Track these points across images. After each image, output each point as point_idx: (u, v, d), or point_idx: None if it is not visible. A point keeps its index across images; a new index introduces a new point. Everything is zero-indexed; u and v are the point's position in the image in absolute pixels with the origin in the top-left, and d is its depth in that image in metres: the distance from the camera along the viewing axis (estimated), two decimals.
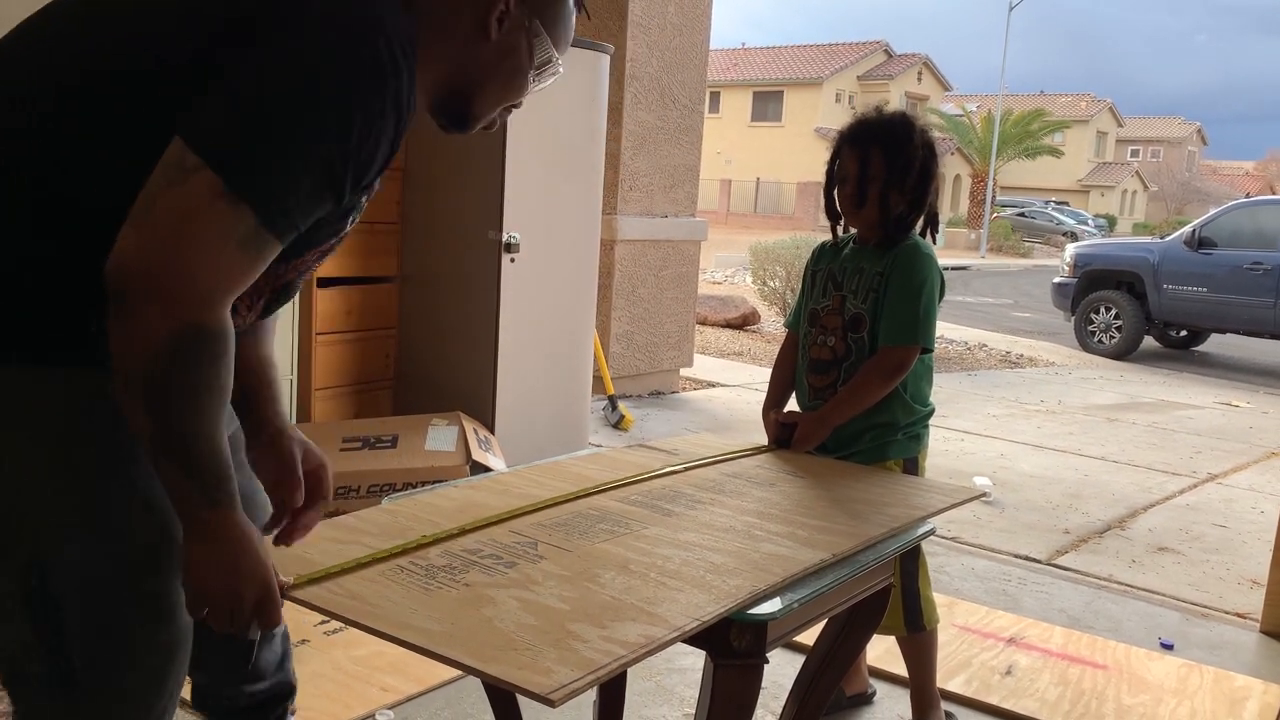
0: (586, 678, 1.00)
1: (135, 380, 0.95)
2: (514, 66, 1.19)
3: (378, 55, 1.00)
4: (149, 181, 0.95)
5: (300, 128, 0.97)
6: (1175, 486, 4.82)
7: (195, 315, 0.95)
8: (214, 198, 0.94)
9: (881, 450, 2.11)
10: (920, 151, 2.08)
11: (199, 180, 0.94)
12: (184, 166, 0.94)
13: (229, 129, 0.96)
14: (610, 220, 5.41)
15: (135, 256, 0.93)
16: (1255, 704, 2.52)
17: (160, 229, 0.93)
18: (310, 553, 1.28)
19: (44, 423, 1.00)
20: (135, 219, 0.94)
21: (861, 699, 2.40)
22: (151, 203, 0.94)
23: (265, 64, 0.97)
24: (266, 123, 0.96)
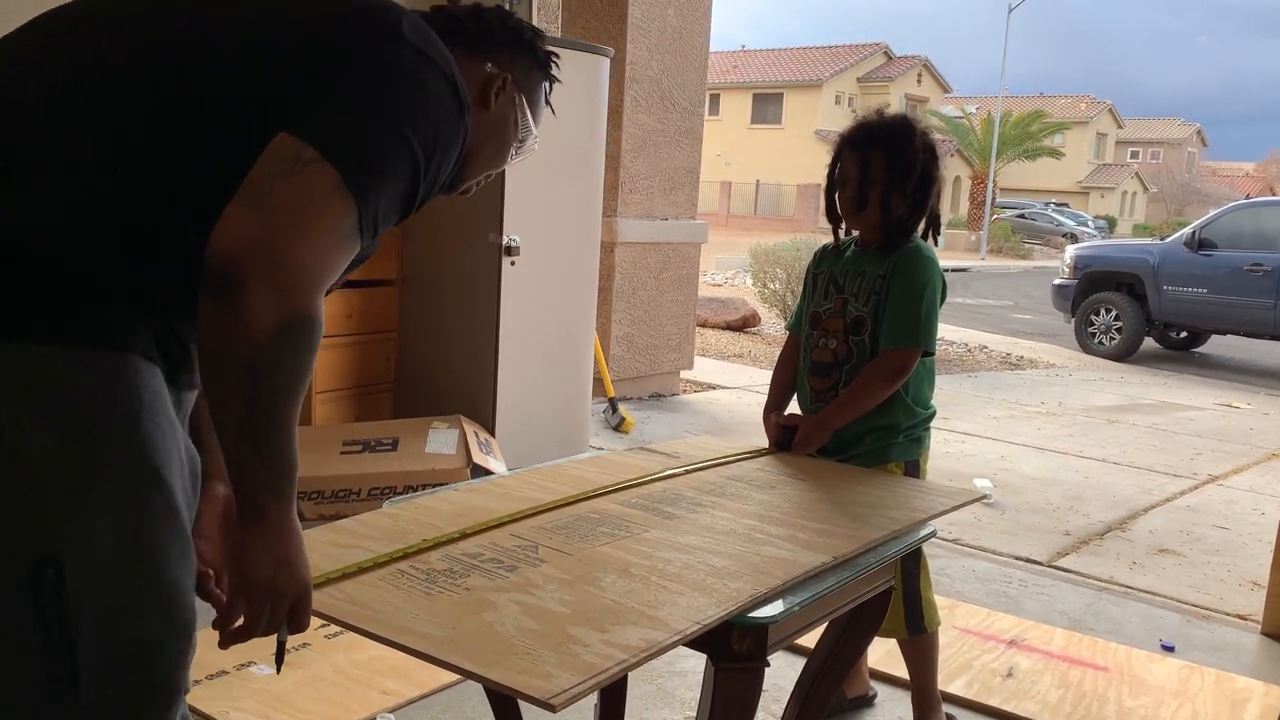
0: (587, 682, 1.00)
1: (237, 365, 0.94)
2: (502, 138, 1.30)
3: (457, 90, 1.10)
4: (257, 170, 0.97)
5: (402, 143, 1.03)
6: (1176, 488, 4.82)
7: (307, 303, 0.96)
8: (331, 190, 0.98)
9: (883, 453, 2.11)
10: (921, 154, 2.08)
11: (319, 171, 0.97)
12: (301, 158, 0.97)
13: (344, 130, 1.01)
14: (610, 223, 5.42)
15: (253, 239, 0.93)
16: (1256, 706, 2.52)
17: (281, 213, 0.95)
18: (312, 557, 1.28)
19: (64, 406, 0.95)
20: (250, 201, 0.95)
21: (863, 701, 2.40)
22: (268, 188, 0.96)
23: (372, 79, 1.04)
24: (376, 130, 1.02)
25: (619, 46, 5.41)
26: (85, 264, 0.97)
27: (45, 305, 0.95)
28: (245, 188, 0.97)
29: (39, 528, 0.94)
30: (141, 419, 0.98)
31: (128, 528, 0.98)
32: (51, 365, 0.94)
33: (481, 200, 3.89)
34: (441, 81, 1.08)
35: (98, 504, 0.96)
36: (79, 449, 0.95)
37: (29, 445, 0.93)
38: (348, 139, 1.00)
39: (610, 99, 4.50)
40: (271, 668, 2.26)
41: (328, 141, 0.99)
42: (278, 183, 0.96)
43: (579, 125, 4.09)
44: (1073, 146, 44.75)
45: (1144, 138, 55.50)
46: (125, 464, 0.98)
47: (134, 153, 0.99)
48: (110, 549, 0.97)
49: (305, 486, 3.38)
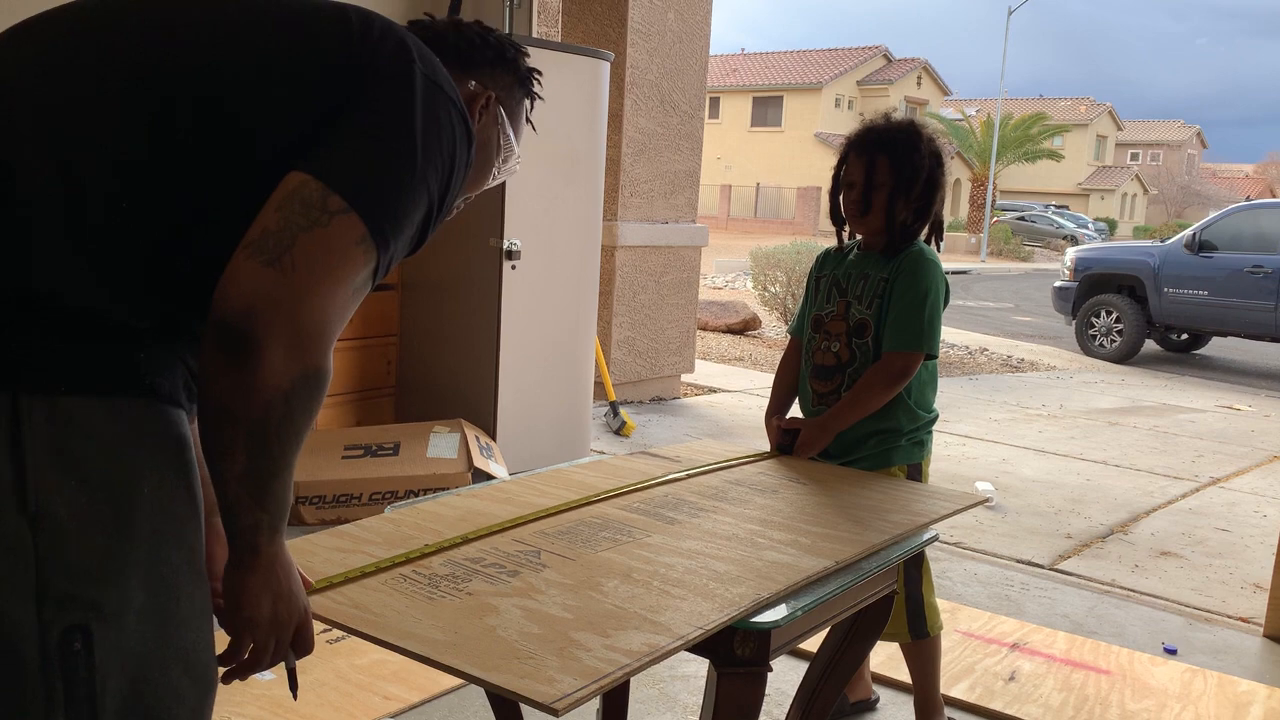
0: (590, 686, 1.00)
1: (246, 421, 0.91)
2: (485, 158, 1.24)
3: (466, 122, 1.06)
4: (274, 217, 0.92)
5: (423, 186, 1.00)
6: (1177, 490, 4.81)
7: (320, 360, 0.93)
8: (355, 242, 0.94)
9: (886, 456, 2.11)
10: (927, 161, 2.08)
11: (345, 224, 0.93)
12: (327, 208, 0.93)
13: (369, 176, 0.96)
14: (611, 226, 5.42)
15: (274, 298, 0.89)
16: (1259, 709, 2.51)
17: (304, 271, 0.90)
18: (314, 562, 1.28)
19: (96, 464, 0.90)
20: (269, 254, 0.90)
21: (865, 706, 2.40)
22: (290, 241, 0.91)
23: (390, 115, 0.99)
24: (399, 174, 0.97)
25: (619, 50, 5.42)
26: (104, 307, 0.92)
27: (70, 354, 0.90)
28: (261, 237, 0.91)
29: (70, 596, 0.89)
30: (168, 472, 0.95)
31: (154, 586, 0.94)
32: (82, 419, 0.89)
33: (482, 205, 3.89)
34: (455, 114, 1.04)
35: (128, 565, 0.92)
36: (111, 509, 0.90)
37: (61, 509, 0.88)
38: (373, 186, 0.96)
39: (610, 103, 4.51)
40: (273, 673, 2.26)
41: (354, 190, 0.94)
42: (301, 235, 0.91)
43: (579, 129, 4.09)
44: (1072, 149, 44.79)
45: (1144, 140, 55.53)
46: (154, 520, 0.94)
47: (142, 186, 0.94)
48: (138, 611, 0.93)
49: (306, 491, 3.37)
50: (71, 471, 0.89)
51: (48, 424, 0.88)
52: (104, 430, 0.90)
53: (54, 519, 0.88)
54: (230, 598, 1.00)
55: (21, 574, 0.87)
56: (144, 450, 0.93)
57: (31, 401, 0.87)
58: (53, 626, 0.89)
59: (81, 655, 0.89)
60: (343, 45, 1.01)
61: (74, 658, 0.89)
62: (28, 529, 0.87)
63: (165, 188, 0.94)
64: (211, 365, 0.90)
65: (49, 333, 0.89)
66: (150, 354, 0.93)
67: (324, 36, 1.02)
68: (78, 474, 0.89)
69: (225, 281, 0.90)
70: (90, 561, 0.90)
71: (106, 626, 0.91)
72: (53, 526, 0.88)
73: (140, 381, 0.93)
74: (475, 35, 1.22)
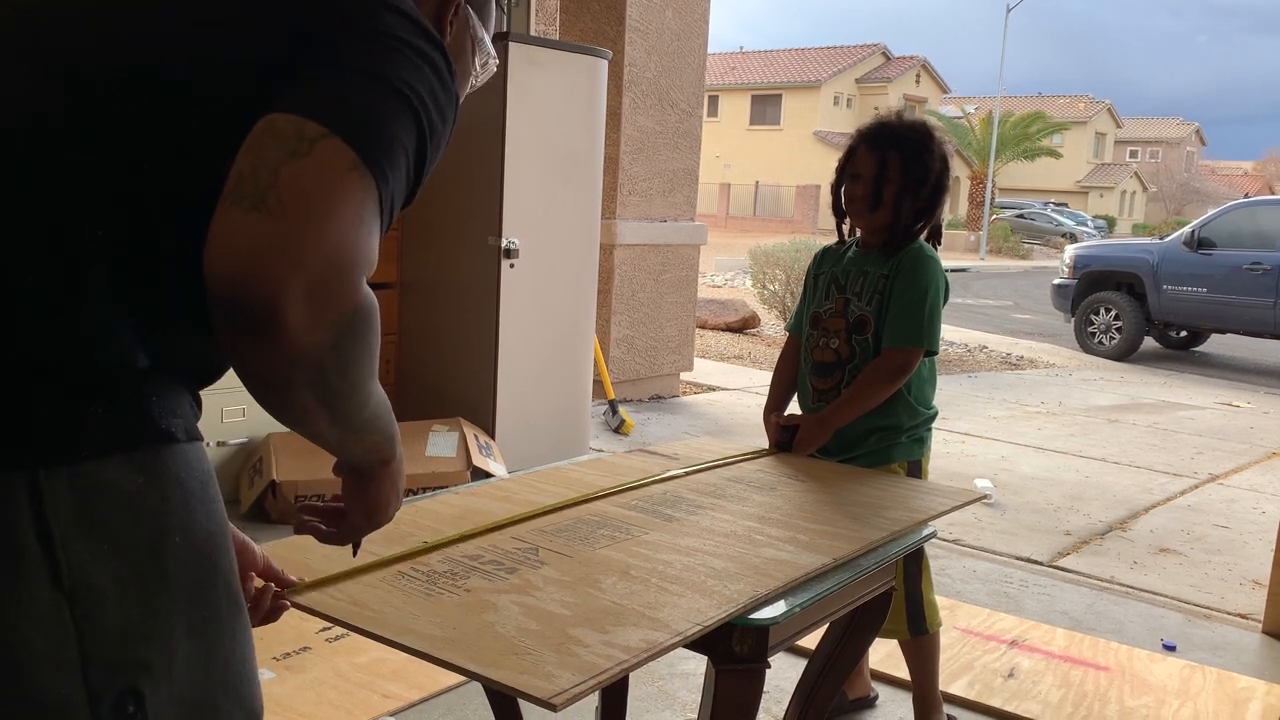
0: (588, 682, 1.00)
1: (299, 387, 0.81)
2: (463, 68, 1.12)
3: (446, 57, 0.95)
4: (246, 161, 0.79)
5: (409, 111, 0.87)
6: (1176, 487, 4.82)
7: (353, 297, 0.80)
8: (348, 168, 0.80)
9: (886, 453, 2.11)
10: (938, 164, 2.09)
11: (328, 148, 0.80)
12: (304, 136, 0.80)
13: (347, 98, 0.84)
14: (609, 225, 5.42)
15: (271, 246, 0.76)
16: (1258, 705, 2.52)
17: (295, 205, 0.77)
18: (311, 559, 1.29)
19: (126, 526, 0.85)
20: (249, 201, 0.77)
21: (864, 703, 2.40)
22: (270, 180, 0.77)
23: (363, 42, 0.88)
24: (381, 95, 0.85)
25: (617, 49, 5.42)
26: (102, 357, 0.85)
27: (83, 416, 0.83)
28: (237, 184, 0.78)
29: (117, 661, 0.85)
30: (196, 514, 0.91)
31: (197, 630, 0.91)
32: (105, 482, 0.84)
33: (480, 203, 3.90)
34: (432, 46, 0.92)
35: (170, 618, 0.88)
36: (146, 566, 0.87)
37: (96, 576, 0.83)
38: (355, 107, 0.83)
39: (609, 101, 4.51)
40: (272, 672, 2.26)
41: (332, 112, 0.81)
42: (282, 168, 0.78)
43: (577, 128, 4.09)
44: (1071, 146, 44.77)
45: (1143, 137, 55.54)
46: (188, 568, 0.90)
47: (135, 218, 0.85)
48: (185, 658, 0.90)
49: (305, 491, 3.37)
50: (102, 537, 0.84)
51: (70, 493, 0.83)
52: (128, 488, 0.85)
53: (90, 588, 0.84)
54: (357, 502, 1.02)
55: (63, 650, 0.84)
56: (171, 499, 0.88)
57: (51, 474, 0.82)
58: (104, 695, 0.85)
59: (136, 717, 0.86)
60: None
61: (122, 705, 0.86)
62: (64, 603, 0.83)
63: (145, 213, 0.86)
64: (232, 345, 0.79)
65: (56, 400, 0.83)
66: (159, 394, 0.89)
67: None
68: (108, 539, 0.85)
69: (210, 245, 0.77)
70: (133, 622, 0.86)
71: (156, 682, 0.87)
72: (89, 596, 0.84)
73: (157, 428, 0.88)
74: None
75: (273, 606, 1.18)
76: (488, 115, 3.75)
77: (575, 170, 4.12)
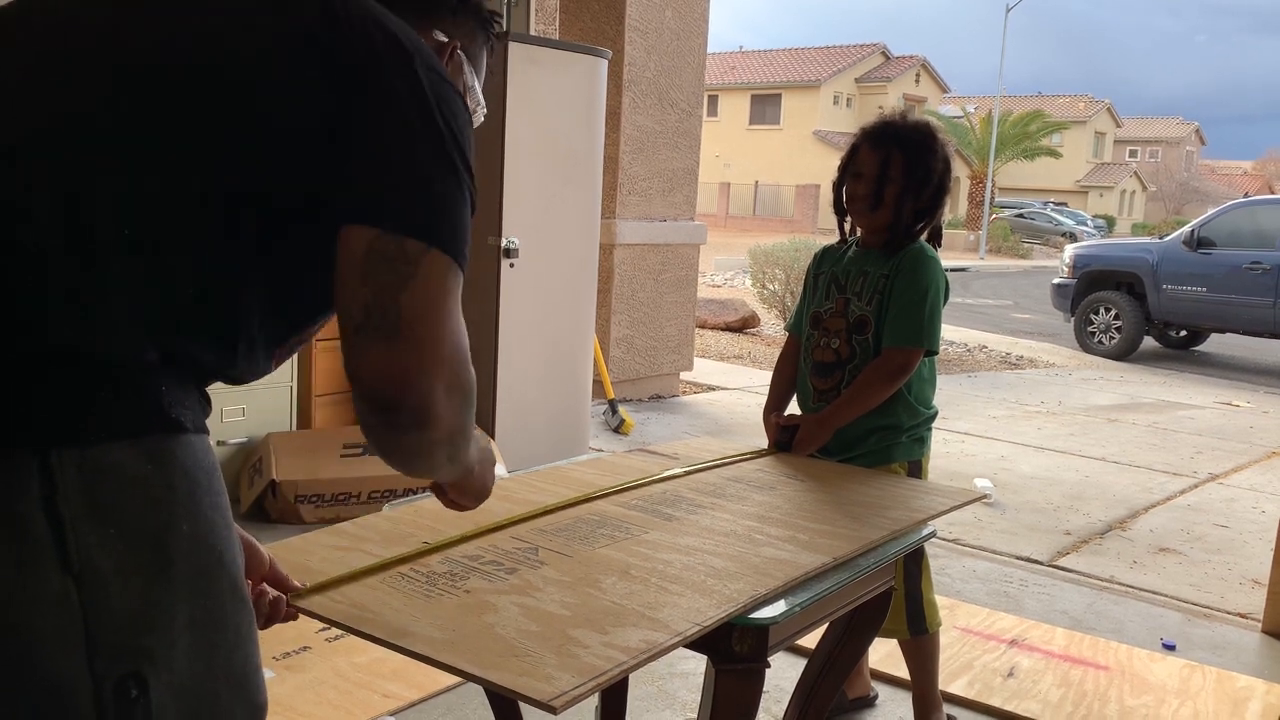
0: (588, 684, 1.00)
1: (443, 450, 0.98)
2: None
3: (463, 99, 1.04)
4: (363, 289, 0.91)
5: (463, 186, 0.99)
6: (1176, 487, 4.82)
7: (468, 378, 0.97)
8: (446, 274, 0.94)
9: (886, 453, 2.11)
10: (940, 165, 2.09)
11: (431, 263, 0.92)
12: (407, 257, 0.91)
13: (425, 203, 0.94)
14: (609, 224, 5.42)
15: (417, 369, 0.91)
16: (1258, 704, 2.52)
17: (423, 327, 0.92)
18: (312, 561, 1.29)
19: (132, 511, 0.87)
20: (383, 331, 0.91)
21: (864, 702, 2.40)
22: (395, 309, 0.91)
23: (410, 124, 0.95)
24: (446, 186, 0.96)
25: (617, 48, 5.42)
26: (120, 350, 0.88)
27: (95, 402, 0.86)
28: (366, 317, 0.91)
29: (121, 646, 0.87)
30: (202, 504, 0.92)
31: (201, 620, 0.92)
32: (114, 466, 0.86)
33: (480, 203, 3.89)
34: (453, 93, 1.00)
35: (174, 606, 0.90)
36: (151, 553, 0.88)
37: (102, 561, 0.86)
38: (434, 210, 0.94)
39: (608, 100, 4.50)
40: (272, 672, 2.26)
41: (422, 226, 0.93)
42: (400, 297, 0.91)
43: (577, 127, 4.09)
44: (1071, 146, 44.77)
45: (1142, 137, 55.53)
46: (193, 557, 0.92)
47: (153, 220, 0.89)
48: (188, 647, 0.91)
49: (305, 490, 3.37)
50: (109, 521, 0.86)
51: (80, 477, 0.85)
52: (137, 474, 0.87)
53: (96, 572, 0.86)
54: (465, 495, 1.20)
55: (70, 632, 0.85)
56: (178, 488, 0.90)
57: (62, 456, 0.84)
58: (106, 679, 0.87)
59: (139, 702, 0.88)
60: (330, 46, 0.95)
61: (131, 705, 0.88)
62: (73, 586, 0.85)
63: (174, 219, 0.90)
64: (389, 438, 0.95)
65: (70, 385, 0.86)
66: (168, 385, 0.91)
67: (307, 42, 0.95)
68: (116, 523, 0.86)
69: (361, 371, 0.93)
70: (137, 609, 0.88)
71: (158, 669, 0.89)
72: (96, 580, 0.86)
73: (165, 417, 0.90)
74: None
75: (273, 610, 1.18)
76: (488, 115, 3.75)
77: (575, 170, 4.12)
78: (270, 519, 3.37)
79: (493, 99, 3.72)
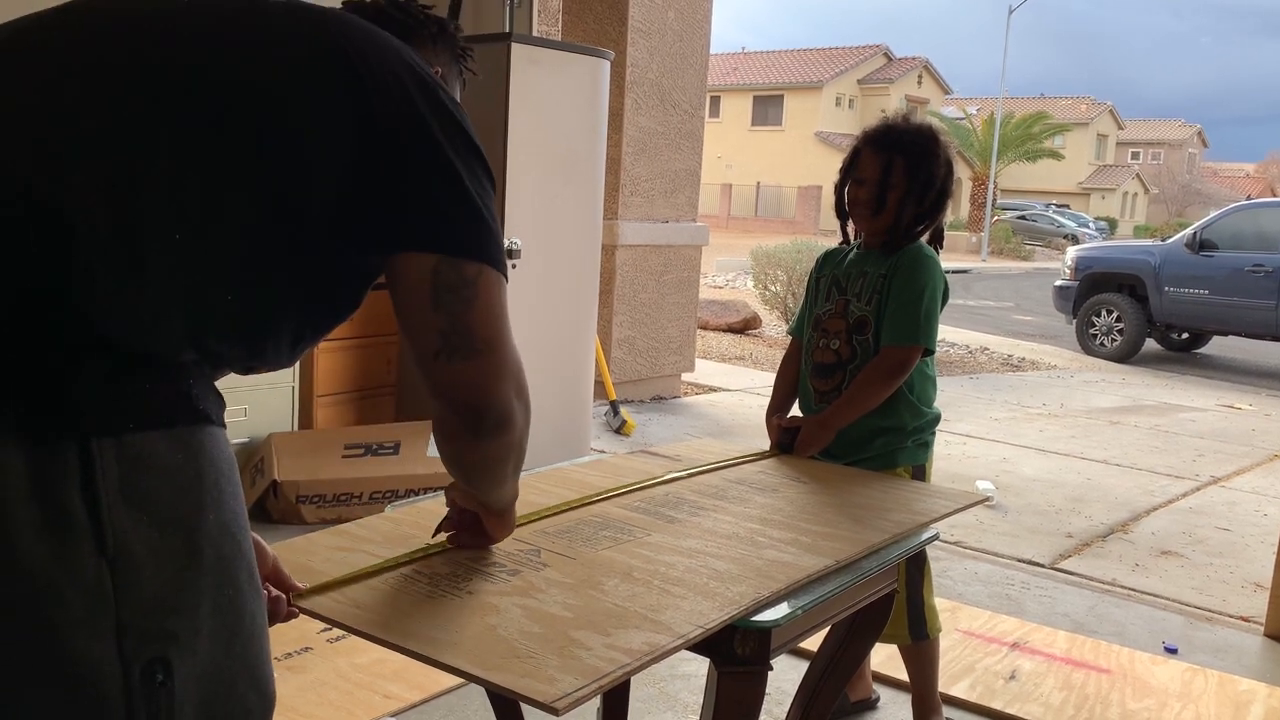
0: (590, 686, 1.00)
1: (514, 457, 1.12)
2: None
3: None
4: (436, 317, 1.01)
5: (490, 194, 1.07)
6: (1178, 490, 4.81)
7: (527, 390, 1.08)
8: (499, 288, 1.05)
9: (891, 457, 2.10)
10: (943, 169, 2.08)
11: (486, 283, 1.03)
12: (466, 280, 1.01)
13: (469, 223, 1.03)
14: (611, 225, 5.42)
15: (493, 377, 1.04)
16: (1260, 708, 2.51)
17: (490, 339, 1.03)
18: (314, 561, 1.29)
19: (163, 497, 0.90)
20: (462, 353, 1.02)
21: (866, 705, 2.40)
22: (465, 330, 1.02)
23: (448, 148, 1.03)
24: (481, 201, 1.04)
25: (619, 49, 5.42)
26: (158, 348, 0.92)
27: (131, 391, 0.90)
28: (444, 342, 1.01)
29: (148, 630, 0.90)
30: (225, 493, 0.95)
31: (222, 608, 0.95)
32: (148, 453, 0.89)
33: None
34: (464, 115, 1.07)
35: (199, 592, 0.93)
36: (180, 540, 0.91)
37: (135, 545, 0.88)
38: (478, 229, 1.03)
39: (611, 101, 4.50)
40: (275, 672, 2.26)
41: (475, 247, 1.02)
42: (467, 318, 1.01)
43: (579, 128, 4.09)
44: (1073, 148, 44.75)
45: (1145, 139, 55.49)
46: (218, 545, 0.94)
47: (196, 226, 0.93)
48: (211, 633, 0.94)
49: (307, 490, 3.37)
50: (143, 507, 0.89)
51: (117, 463, 0.87)
52: (169, 462, 0.90)
53: (130, 556, 0.88)
54: (500, 528, 1.32)
55: (101, 615, 0.87)
56: (206, 477, 0.93)
57: (101, 443, 0.87)
58: (134, 661, 0.89)
59: (164, 686, 0.90)
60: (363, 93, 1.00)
61: (157, 689, 0.90)
62: (106, 569, 0.87)
63: (216, 228, 0.93)
64: (477, 444, 1.08)
65: (110, 375, 0.89)
66: (195, 379, 0.95)
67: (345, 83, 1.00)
68: (149, 510, 0.89)
69: (449, 390, 1.04)
70: (166, 594, 0.90)
71: (183, 654, 0.91)
72: (129, 563, 0.88)
73: (195, 408, 0.93)
74: (417, 11, 1.22)
75: (274, 609, 1.18)
76: (489, 115, 3.75)
77: (577, 171, 4.12)
78: (272, 519, 3.37)
79: (495, 100, 3.72)
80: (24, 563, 0.84)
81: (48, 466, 0.85)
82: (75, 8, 1.00)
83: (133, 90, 0.93)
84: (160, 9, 1.00)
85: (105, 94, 0.92)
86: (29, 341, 0.86)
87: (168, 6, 1.00)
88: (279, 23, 1.01)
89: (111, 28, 0.97)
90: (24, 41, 0.97)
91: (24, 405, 0.85)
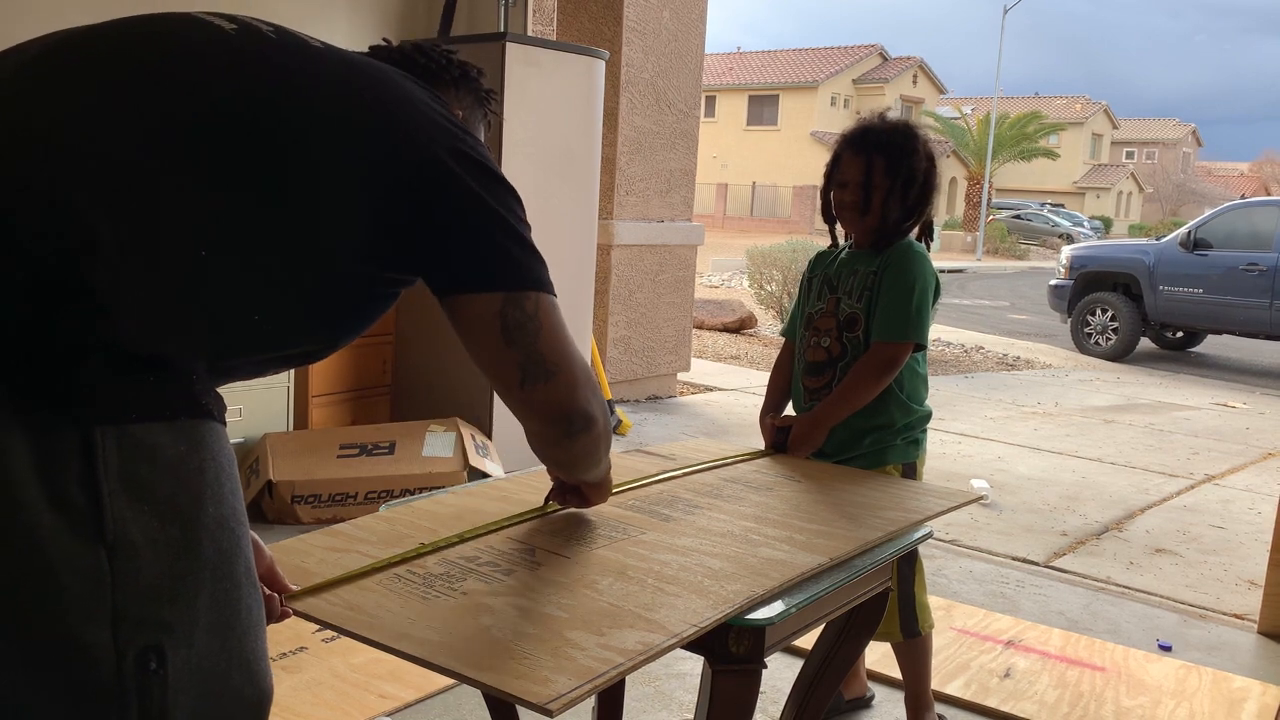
0: (584, 686, 1.00)
1: (603, 445, 1.29)
2: None
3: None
4: (512, 353, 1.12)
5: (525, 222, 1.17)
6: (1172, 488, 4.82)
7: (599, 387, 1.22)
8: (555, 310, 1.16)
9: (880, 455, 2.11)
10: (923, 163, 2.08)
11: (545, 310, 1.14)
12: (526, 311, 1.12)
13: (518, 255, 1.13)
14: (606, 225, 5.42)
15: (573, 392, 1.18)
16: (1254, 705, 2.52)
17: (561, 358, 1.15)
18: (308, 562, 1.29)
19: (164, 488, 0.91)
20: (543, 378, 1.15)
21: (860, 703, 2.40)
22: (539, 357, 1.14)
23: (478, 184, 1.10)
24: (520, 230, 1.14)
25: (614, 49, 5.42)
26: (170, 351, 0.94)
27: (136, 384, 0.91)
28: (525, 374, 1.14)
29: (144, 619, 0.91)
30: (225, 488, 0.96)
31: (219, 600, 0.96)
32: (150, 444, 0.91)
33: None
34: (485, 152, 1.15)
35: (197, 584, 0.94)
36: (179, 530, 0.92)
37: (135, 534, 0.90)
38: (527, 259, 1.13)
39: (605, 101, 4.50)
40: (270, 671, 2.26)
41: (530, 279, 1.12)
42: (538, 345, 1.13)
43: (574, 128, 4.09)
44: (1068, 147, 44.82)
45: (1139, 138, 55.61)
46: (216, 538, 0.95)
47: (216, 243, 0.96)
48: (207, 625, 0.95)
49: (302, 490, 3.37)
50: (143, 497, 0.90)
51: (119, 452, 0.89)
52: (170, 453, 0.92)
53: (128, 545, 0.89)
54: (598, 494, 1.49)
55: (98, 601, 0.88)
56: (207, 471, 0.94)
57: (103, 431, 0.88)
58: (129, 649, 0.90)
59: (157, 674, 0.91)
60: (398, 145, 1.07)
61: (150, 677, 0.91)
62: (105, 556, 0.88)
63: (236, 246, 0.97)
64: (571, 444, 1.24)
65: (118, 370, 0.90)
66: (199, 378, 0.97)
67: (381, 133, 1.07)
68: (149, 499, 0.90)
69: (538, 409, 1.18)
70: (162, 583, 0.91)
71: (178, 643, 0.92)
72: (128, 551, 0.89)
73: (198, 404, 0.95)
74: (440, 56, 1.28)
75: (267, 610, 1.18)
76: None
77: (572, 170, 4.12)
78: (267, 519, 3.37)
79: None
80: (24, 545, 0.86)
81: (50, 452, 0.86)
82: (125, 28, 1.04)
83: (173, 113, 0.97)
84: (214, 37, 1.05)
85: (145, 113, 0.96)
86: (40, 329, 0.87)
87: (219, 35, 1.05)
88: (317, 65, 1.07)
89: (160, 53, 1.02)
90: (73, 54, 1.00)
91: (29, 390, 0.87)
